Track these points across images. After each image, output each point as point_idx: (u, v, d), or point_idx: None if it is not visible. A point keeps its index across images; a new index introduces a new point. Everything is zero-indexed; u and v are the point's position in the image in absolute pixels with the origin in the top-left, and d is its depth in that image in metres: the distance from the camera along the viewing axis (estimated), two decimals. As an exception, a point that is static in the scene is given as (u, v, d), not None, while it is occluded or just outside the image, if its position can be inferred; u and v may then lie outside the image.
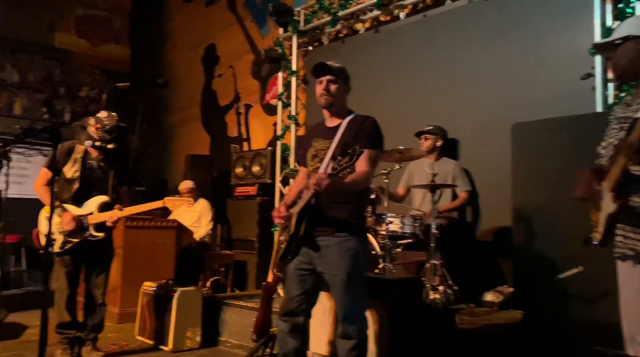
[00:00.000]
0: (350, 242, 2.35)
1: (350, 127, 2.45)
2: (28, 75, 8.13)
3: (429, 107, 4.64)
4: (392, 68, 4.98)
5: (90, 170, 3.49)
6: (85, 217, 3.42)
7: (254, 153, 6.08)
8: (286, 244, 2.44)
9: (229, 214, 6.12)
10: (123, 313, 4.80)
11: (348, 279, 2.33)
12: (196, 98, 7.94)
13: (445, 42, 4.61)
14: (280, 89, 5.88)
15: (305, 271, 2.44)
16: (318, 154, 2.50)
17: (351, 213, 2.40)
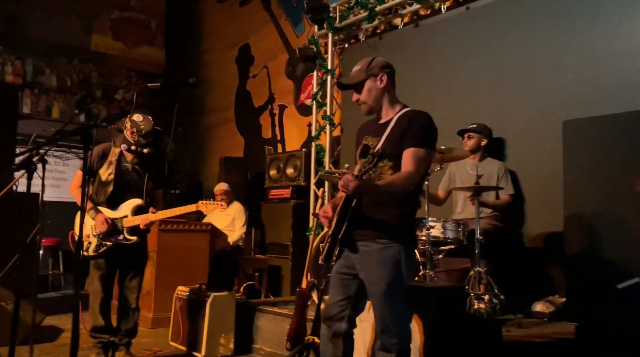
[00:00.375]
0: (392, 250, 2.25)
1: (399, 123, 2.34)
2: (65, 79, 8.42)
3: (472, 105, 4.53)
4: (433, 64, 4.89)
5: (125, 173, 3.56)
6: (120, 220, 3.49)
7: (288, 155, 6.09)
8: (328, 246, 2.36)
9: (262, 217, 6.16)
10: (157, 318, 4.88)
11: (388, 289, 2.24)
12: (230, 99, 8.04)
13: (490, 36, 4.49)
14: (315, 88, 5.87)
15: (348, 275, 2.38)
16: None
17: (395, 217, 2.28)
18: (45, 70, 8.25)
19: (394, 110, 2.41)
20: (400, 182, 2.24)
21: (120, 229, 3.48)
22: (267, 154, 6.56)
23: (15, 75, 7.97)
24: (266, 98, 7.38)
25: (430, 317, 2.67)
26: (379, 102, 2.42)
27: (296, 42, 6.78)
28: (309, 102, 6.14)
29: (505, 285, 3.55)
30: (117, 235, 3.48)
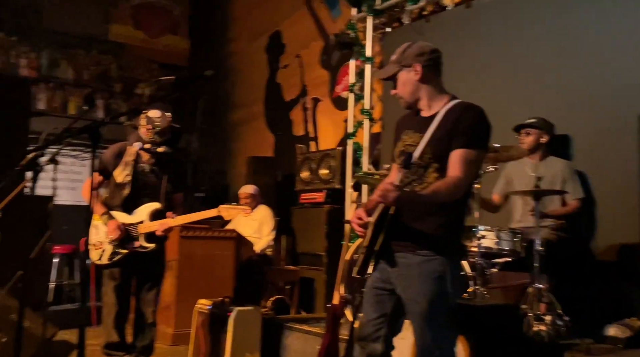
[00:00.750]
0: (435, 264, 2.20)
1: (447, 119, 2.25)
2: (82, 72, 8.65)
3: (532, 97, 4.40)
4: (487, 50, 4.78)
5: (142, 174, 3.62)
6: (135, 226, 3.54)
7: (321, 154, 6.08)
8: (362, 258, 2.32)
9: (293, 224, 6.16)
10: (177, 334, 4.94)
11: (430, 307, 2.19)
12: (259, 93, 8.09)
13: (554, 18, 4.36)
14: (352, 79, 5.84)
15: (384, 290, 2.35)
16: (407, 151, 2.32)
17: (439, 227, 2.23)
18: (61, 63, 8.49)
19: (440, 102, 2.34)
20: (447, 189, 2.17)
21: (136, 235, 3.53)
22: (299, 153, 6.56)
23: (30, 68, 8.24)
24: (298, 91, 7.39)
25: (480, 340, 2.59)
26: (416, 96, 2.36)
27: (332, 27, 6.76)
28: (346, 94, 6.10)
29: (571, 304, 3.43)
30: (132, 242, 3.53)
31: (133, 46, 9.03)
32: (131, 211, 3.59)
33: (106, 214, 3.54)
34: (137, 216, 3.58)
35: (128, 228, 3.53)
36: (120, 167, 3.59)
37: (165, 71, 9.13)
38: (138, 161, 3.62)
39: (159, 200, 3.61)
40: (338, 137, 6.61)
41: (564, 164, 3.93)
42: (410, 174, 2.00)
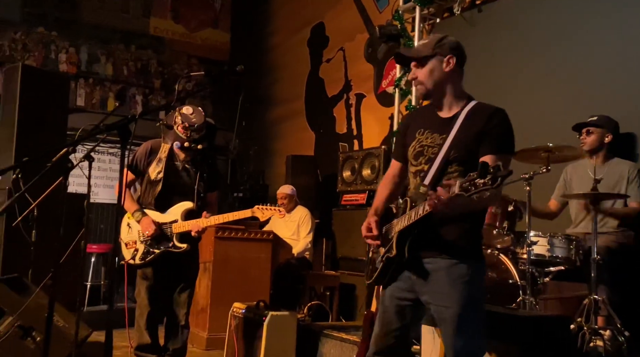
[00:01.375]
0: (462, 268, 2.26)
1: (471, 121, 2.29)
2: (122, 67, 8.94)
3: (593, 92, 4.30)
4: (545, 41, 4.68)
5: (175, 172, 3.70)
6: (169, 225, 3.63)
7: (364, 153, 6.08)
8: (382, 267, 2.38)
9: (334, 226, 6.18)
10: (212, 338, 5.02)
11: (462, 312, 2.22)
12: (300, 89, 8.15)
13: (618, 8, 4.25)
14: (399, 73, 5.81)
15: (406, 300, 2.38)
16: (425, 152, 2.35)
17: (464, 233, 2.30)
18: (101, 58, 8.81)
19: (460, 103, 2.36)
20: (490, 200, 2.24)
21: (169, 235, 3.62)
22: (341, 152, 6.58)
23: (70, 63, 8.58)
24: (341, 86, 7.41)
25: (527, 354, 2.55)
26: (440, 89, 2.36)
27: (378, 18, 6.75)
28: (392, 89, 6.08)
29: (632, 318, 3.34)
30: (166, 242, 3.62)
31: (173, 40, 9.27)
32: (164, 209, 3.67)
33: (139, 211, 3.63)
34: (171, 215, 3.66)
35: (162, 227, 3.62)
36: (154, 164, 3.68)
37: (204, 66, 9.33)
38: (171, 159, 3.70)
39: (192, 199, 3.68)
40: (382, 135, 6.59)
41: (629, 165, 3.80)
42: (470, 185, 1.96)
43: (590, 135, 3.86)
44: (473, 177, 1.93)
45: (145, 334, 3.64)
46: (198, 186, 3.70)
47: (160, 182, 3.65)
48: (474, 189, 1.93)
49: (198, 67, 9.38)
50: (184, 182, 3.71)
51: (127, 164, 3.79)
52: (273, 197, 6.97)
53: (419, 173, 2.36)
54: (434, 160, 2.30)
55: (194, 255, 3.81)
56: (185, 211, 3.65)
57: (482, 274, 2.37)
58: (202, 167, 3.74)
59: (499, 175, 1.88)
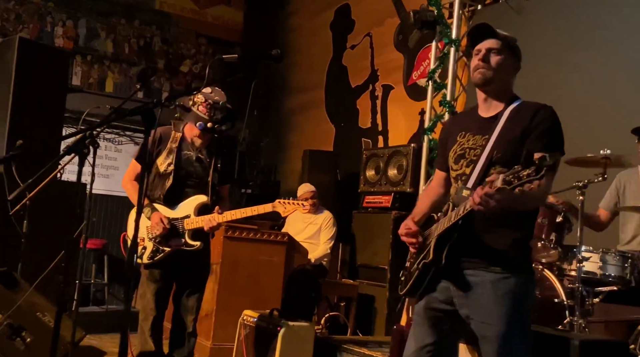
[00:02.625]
0: (511, 282, 2.29)
1: (515, 119, 2.35)
2: (123, 44, 8.96)
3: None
4: (603, 36, 4.69)
5: (187, 163, 3.71)
6: (180, 222, 3.65)
7: (391, 151, 6.09)
8: (417, 274, 2.41)
9: (354, 230, 6.20)
10: (217, 348, 5.06)
11: (507, 331, 2.26)
12: (321, 77, 8.17)
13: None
14: (433, 64, 5.82)
15: (441, 312, 2.42)
16: (466, 155, 2.42)
17: (513, 242, 2.33)
18: (101, 34, 8.84)
19: (505, 103, 2.43)
20: (536, 197, 2.28)
21: (181, 232, 3.65)
22: (364, 149, 6.59)
23: (67, 38, 8.61)
24: (367, 76, 7.43)
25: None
26: (500, 86, 2.43)
27: (411, 2, 6.75)
28: (424, 82, 6.10)
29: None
30: (177, 239, 3.64)
31: (180, 17, 9.29)
32: (174, 204, 3.69)
33: (148, 207, 3.65)
34: (182, 210, 3.68)
35: (173, 223, 3.64)
36: (163, 155, 3.68)
37: (213, 47, 9.36)
38: (182, 148, 3.72)
39: (206, 192, 3.70)
40: (411, 132, 6.60)
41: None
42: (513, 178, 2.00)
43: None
44: (517, 170, 1.98)
45: (150, 340, 3.66)
46: (212, 178, 3.72)
47: (171, 175, 3.66)
48: (517, 182, 1.97)
49: (207, 47, 9.41)
50: (197, 173, 3.72)
51: (136, 155, 3.82)
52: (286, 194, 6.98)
53: (460, 177, 2.42)
54: (476, 163, 2.36)
55: (205, 256, 3.83)
56: (198, 206, 3.66)
57: (532, 290, 2.42)
58: (217, 156, 3.75)
59: (545, 165, 1.92)
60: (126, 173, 3.83)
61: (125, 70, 8.95)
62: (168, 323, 3.83)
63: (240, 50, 9.43)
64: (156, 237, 3.62)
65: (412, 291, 2.46)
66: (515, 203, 2.21)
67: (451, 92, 5.64)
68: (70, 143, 2.51)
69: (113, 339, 5.45)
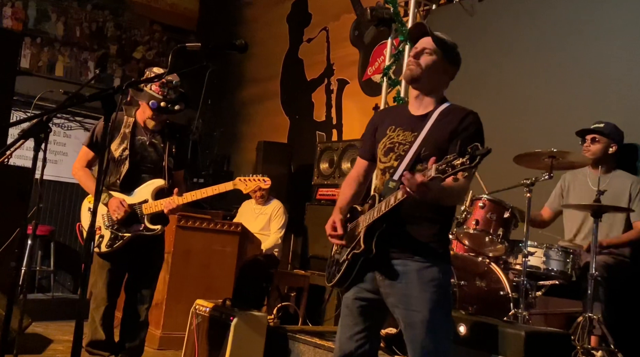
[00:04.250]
0: (434, 271, 2.39)
1: (444, 121, 2.45)
2: (74, 28, 8.71)
3: (596, 98, 4.41)
4: (552, 37, 4.77)
5: (142, 148, 3.64)
6: (139, 206, 3.57)
7: (345, 144, 6.12)
8: (347, 265, 2.46)
9: (307, 222, 6.22)
10: (166, 337, 5.01)
11: (432, 317, 2.35)
12: (276, 69, 8.13)
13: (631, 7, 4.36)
14: (388, 61, 5.86)
15: (369, 301, 2.49)
16: (396, 149, 2.49)
17: (436, 233, 2.44)
18: (51, 16, 8.57)
19: (435, 103, 2.52)
20: (459, 191, 2.39)
21: (140, 217, 3.57)
22: (319, 142, 6.61)
23: (15, 19, 8.32)
24: (322, 69, 7.43)
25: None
26: (429, 85, 2.51)
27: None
28: (378, 78, 6.13)
29: (626, 339, 3.47)
30: (136, 225, 3.56)
31: (134, 2, 9.08)
32: (130, 190, 3.61)
33: (104, 193, 3.56)
34: (139, 195, 3.60)
35: (132, 209, 3.56)
36: (117, 140, 3.60)
37: (168, 34, 9.20)
38: (135, 133, 3.65)
39: (162, 176, 3.63)
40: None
41: (632, 179, 3.93)
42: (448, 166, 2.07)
43: (595, 143, 3.96)
44: (450, 159, 2.05)
45: (100, 329, 3.59)
46: (167, 162, 3.66)
47: (127, 160, 3.59)
48: (451, 170, 2.05)
49: (161, 34, 9.25)
50: (152, 158, 3.65)
51: (88, 142, 3.71)
52: (239, 185, 6.94)
53: (388, 170, 2.48)
54: (404, 157, 2.43)
55: (160, 244, 3.78)
56: (155, 190, 3.60)
57: (450, 278, 2.54)
58: (171, 141, 3.70)
59: (478, 154, 1.99)
60: (77, 160, 3.70)
61: (76, 54, 8.71)
62: (119, 312, 3.77)
63: (195, 39, 9.31)
64: (114, 224, 3.55)
65: (341, 282, 2.50)
66: (444, 194, 2.30)
67: (405, 88, 5.68)
68: (25, 127, 2.44)
69: (59, 326, 5.33)
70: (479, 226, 3.74)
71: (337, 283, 2.52)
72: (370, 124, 2.71)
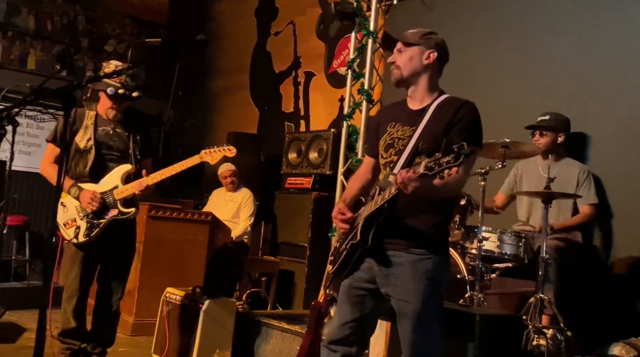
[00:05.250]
0: (429, 263, 2.37)
1: (440, 113, 2.44)
2: (46, 21, 8.54)
3: (547, 90, 4.49)
4: (504, 36, 4.85)
5: (106, 137, 3.62)
6: (110, 193, 3.54)
7: (312, 135, 6.12)
8: (345, 254, 2.48)
9: (276, 210, 6.21)
10: (139, 323, 4.99)
11: (423, 308, 2.34)
12: (246, 61, 8.08)
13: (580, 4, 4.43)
14: (352, 54, 5.85)
15: (365, 290, 2.49)
16: (395, 144, 2.49)
17: (433, 225, 2.42)
18: (22, 10, 8.38)
19: (432, 96, 2.51)
20: (454, 185, 2.35)
21: (113, 203, 3.54)
22: (287, 133, 6.59)
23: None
24: (290, 62, 7.40)
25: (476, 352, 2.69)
26: (414, 79, 2.50)
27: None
28: (343, 70, 6.13)
29: (575, 319, 3.55)
30: (110, 210, 3.54)
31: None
32: (98, 179, 3.57)
33: (74, 186, 3.53)
34: (108, 182, 3.57)
35: (103, 197, 3.52)
36: (81, 132, 3.57)
37: (138, 27, 9.06)
38: (98, 124, 3.62)
39: (129, 163, 3.62)
40: (331, 118, 6.65)
41: (580, 167, 4.01)
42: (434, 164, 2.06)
43: (544, 136, 4.03)
44: (437, 157, 2.05)
45: (72, 319, 3.55)
46: (133, 149, 3.65)
47: (92, 149, 3.56)
48: (437, 168, 2.04)
49: (132, 27, 9.11)
50: (117, 147, 3.64)
51: (51, 138, 3.66)
52: (209, 175, 6.91)
53: (389, 164, 2.49)
54: (403, 152, 2.43)
55: (132, 235, 3.77)
56: (124, 175, 3.58)
57: (447, 270, 2.49)
58: (135, 130, 3.69)
59: (462, 153, 1.99)
60: (44, 158, 3.67)
61: (48, 47, 8.54)
62: (92, 300, 3.73)
63: (165, 32, 9.20)
64: (88, 213, 3.50)
65: (339, 270, 2.51)
66: (434, 191, 2.29)
67: (369, 81, 5.69)
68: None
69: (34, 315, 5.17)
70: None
71: (336, 271, 2.54)
72: (372, 122, 2.75)
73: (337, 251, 2.57)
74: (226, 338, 4.05)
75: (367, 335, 2.60)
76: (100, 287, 3.70)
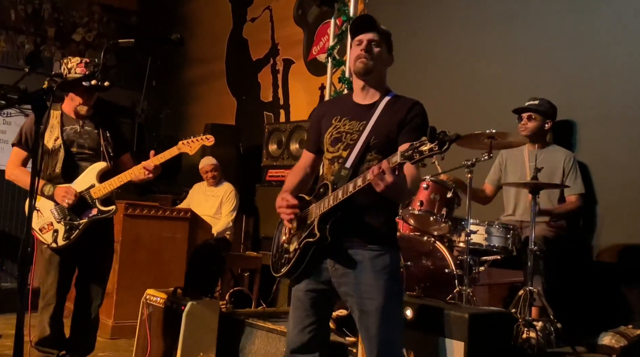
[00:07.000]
0: (387, 258, 2.43)
1: (391, 110, 2.48)
2: (9, 11, 8.38)
3: (532, 76, 4.52)
4: (486, 21, 4.86)
5: (75, 135, 3.58)
6: (87, 192, 3.50)
7: (293, 125, 6.12)
8: (299, 254, 2.43)
9: (257, 203, 6.21)
10: (118, 326, 4.98)
11: (387, 303, 2.39)
12: (221, 48, 8.01)
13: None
14: (332, 41, 5.83)
15: (318, 292, 2.51)
16: (343, 138, 2.50)
17: (385, 221, 2.49)
18: (-17, -2, 8.23)
19: (381, 93, 2.56)
20: (417, 182, 2.46)
21: (90, 202, 3.51)
22: (267, 124, 6.58)
23: (-55, 3, 7.97)
24: (267, 49, 7.35)
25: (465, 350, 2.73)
26: (380, 75, 2.56)
27: (311, -23, 6.73)
28: (323, 58, 6.11)
29: (564, 309, 3.60)
30: (89, 210, 3.51)
31: (70, -18, 8.79)
32: (72, 180, 3.53)
33: (47, 185, 3.47)
34: (83, 182, 3.53)
35: (80, 197, 3.48)
36: (47, 132, 3.51)
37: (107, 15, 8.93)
38: (64, 123, 3.58)
39: (103, 160, 3.58)
40: (312, 107, 6.60)
41: (566, 154, 4.06)
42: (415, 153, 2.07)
43: (531, 121, 4.06)
44: (416, 145, 2.06)
45: (48, 327, 3.53)
46: (105, 147, 3.61)
47: (61, 148, 3.52)
48: (418, 156, 2.05)
49: (100, 15, 8.97)
50: (88, 145, 3.60)
51: (16, 141, 3.61)
52: (188, 169, 6.88)
53: (337, 159, 2.50)
54: (353, 147, 2.45)
55: (110, 237, 3.75)
56: (99, 173, 3.55)
57: (399, 263, 2.61)
58: (104, 126, 3.65)
59: (447, 140, 2.00)
60: (9, 162, 3.61)
61: (12, 38, 8.39)
62: (70, 302, 3.71)
63: (137, 19, 9.09)
64: (65, 215, 3.47)
65: (291, 272, 2.46)
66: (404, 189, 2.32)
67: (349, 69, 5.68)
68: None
69: (7, 319, 5.19)
70: (424, 206, 3.82)
71: (287, 273, 2.48)
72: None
73: (286, 251, 2.52)
74: (210, 340, 4.05)
75: (326, 338, 2.62)
76: (79, 293, 3.67)
